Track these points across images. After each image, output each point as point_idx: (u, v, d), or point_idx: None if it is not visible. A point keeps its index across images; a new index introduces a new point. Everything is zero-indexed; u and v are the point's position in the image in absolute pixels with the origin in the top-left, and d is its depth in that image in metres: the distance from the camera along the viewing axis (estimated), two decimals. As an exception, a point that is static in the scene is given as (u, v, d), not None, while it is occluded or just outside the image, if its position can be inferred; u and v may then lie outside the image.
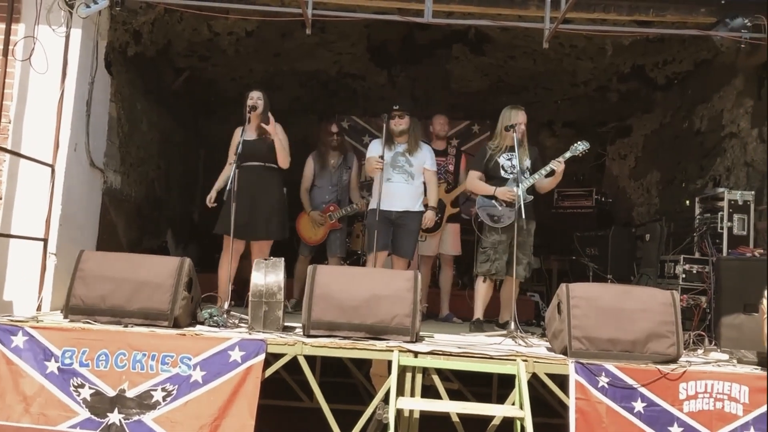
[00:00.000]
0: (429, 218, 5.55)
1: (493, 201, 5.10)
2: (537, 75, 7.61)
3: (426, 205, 5.60)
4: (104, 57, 5.47)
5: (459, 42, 7.20)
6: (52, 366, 3.81)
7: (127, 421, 3.74)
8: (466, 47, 7.28)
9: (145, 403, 3.76)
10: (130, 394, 3.77)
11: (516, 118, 5.11)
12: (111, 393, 3.77)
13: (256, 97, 5.20)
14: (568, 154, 5.02)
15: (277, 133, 5.19)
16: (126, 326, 4.05)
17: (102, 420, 3.73)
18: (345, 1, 5.13)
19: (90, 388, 3.78)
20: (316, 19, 4.99)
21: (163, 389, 3.79)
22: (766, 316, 3.88)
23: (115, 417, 3.74)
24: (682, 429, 3.73)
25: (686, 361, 3.99)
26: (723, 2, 4.77)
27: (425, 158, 5.59)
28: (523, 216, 4.78)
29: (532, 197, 5.06)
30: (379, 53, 7.60)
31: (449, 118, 6.67)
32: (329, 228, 6.30)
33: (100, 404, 3.76)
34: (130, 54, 6.04)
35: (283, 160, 5.23)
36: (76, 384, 3.78)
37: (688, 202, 6.19)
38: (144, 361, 3.83)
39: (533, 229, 5.17)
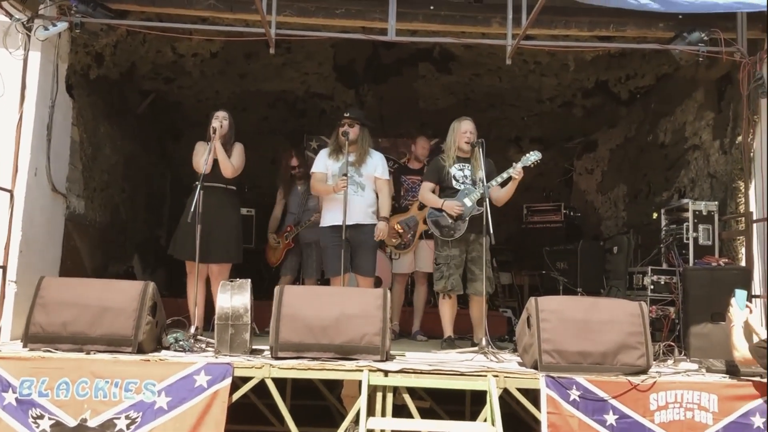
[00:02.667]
0: (381, 230, 5.29)
1: (443, 213, 5.11)
2: (503, 92, 7.67)
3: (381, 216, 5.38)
4: (65, 80, 5.38)
5: (425, 60, 7.22)
6: (10, 397, 3.69)
7: (89, 451, 3.62)
8: (432, 66, 7.31)
9: (108, 432, 3.66)
10: (93, 423, 3.67)
11: (463, 126, 5.26)
12: (72, 423, 3.66)
13: (221, 117, 5.17)
14: (520, 165, 5.07)
15: (234, 150, 5.16)
16: (88, 353, 3.94)
17: (63, 452, 3.61)
18: (308, 20, 5.13)
19: (50, 418, 3.66)
20: (280, 38, 4.97)
21: (127, 417, 3.69)
22: (733, 324, 3.91)
23: (76, 448, 3.62)
24: (654, 440, 3.74)
25: (656, 372, 4.01)
26: (680, 17, 4.86)
27: (376, 166, 5.37)
28: (491, 230, 4.76)
29: (482, 209, 4.91)
30: (346, 73, 7.60)
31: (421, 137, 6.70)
32: (285, 248, 6.45)
33: (60, 435, 3.63)
34: (92, 77, 5.94)
35: (224, 169, 5.08)
36: (35, 415, 3.66)
37: (654, 214, 6.25)
38: (107, 389, 3.73)
39: (487, 244, 4.89)
